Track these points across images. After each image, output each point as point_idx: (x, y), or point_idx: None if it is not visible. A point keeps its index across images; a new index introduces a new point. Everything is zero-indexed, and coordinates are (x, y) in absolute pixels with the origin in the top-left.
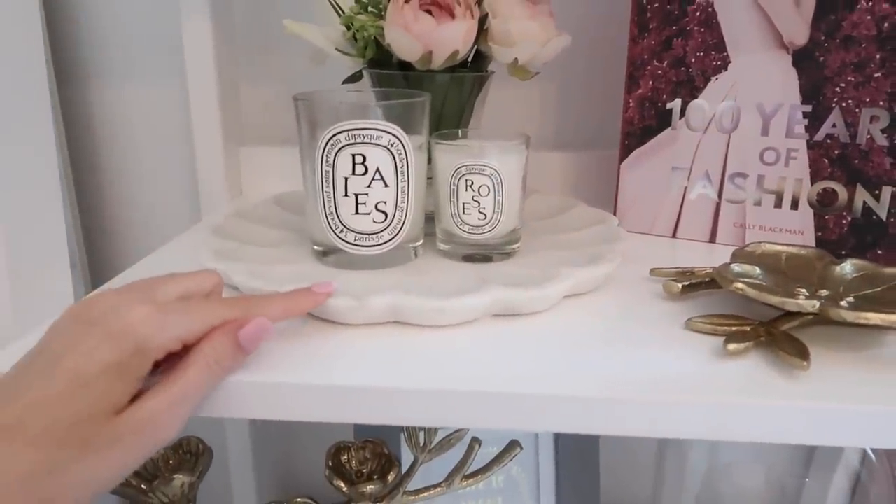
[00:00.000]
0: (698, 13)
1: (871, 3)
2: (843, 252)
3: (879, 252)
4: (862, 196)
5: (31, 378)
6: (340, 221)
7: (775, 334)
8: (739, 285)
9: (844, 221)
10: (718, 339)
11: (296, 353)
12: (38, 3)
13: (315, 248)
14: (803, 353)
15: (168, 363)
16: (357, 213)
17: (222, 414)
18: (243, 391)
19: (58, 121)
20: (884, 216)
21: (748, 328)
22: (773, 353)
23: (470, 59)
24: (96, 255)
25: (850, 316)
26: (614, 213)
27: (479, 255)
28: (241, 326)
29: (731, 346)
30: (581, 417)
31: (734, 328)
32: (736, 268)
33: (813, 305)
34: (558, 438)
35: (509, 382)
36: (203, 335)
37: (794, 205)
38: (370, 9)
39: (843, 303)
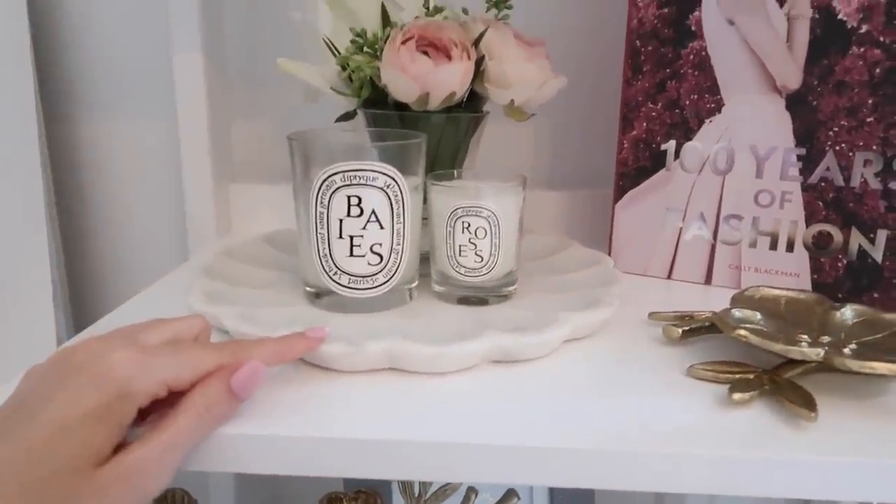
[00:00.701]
0: (692, 56)
1: (862, 49)
2: (840, 295)
3: (875, 295)
4: (857, 239)
5: (10, 428)
6: (334, 263)
7: (779, 382)
8: (742, 332)
9: (840, 264)
10: (721, 386)
11: (286, 403)
12: (28, 38)
13: (307, 289)
14: (810, 404)
15: (157, 413)
16: (352, 255)
17: (208, 468)
18: (230, 443)
19: (44, 158)
20: (879, 259)
21: (751, 376)
22: (779, 403)
23: (465, 99)
24: (81, 295)
25: (856, 365)
26: (609, 254)
27: (475, 297)
28: (234, 372)
29: (737, 396)
30: (583, 472)
31: (737, 376)
32: (737, 313)
33: (817, 353)
34: (553, 488)
35: (508, 434)
36: (192, 381)
37: (790, 247)
38: (366, 49)
39: (846, 350)
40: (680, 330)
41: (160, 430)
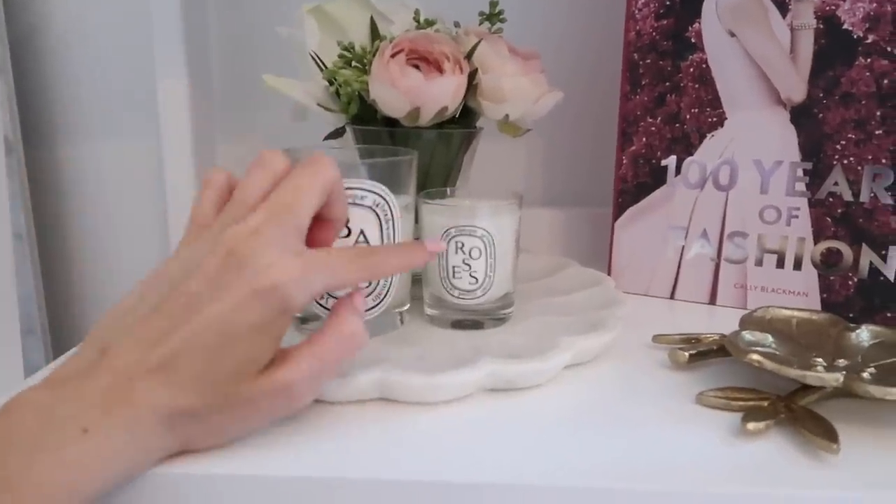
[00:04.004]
0: (692, 69)
1: (869, 60)
2: (851, 315)
3: (889, 315)
4: (868, 256)
5: (173, 317)
6: None
7: (796, 410)
8: (756, 357)
9: (850, 283)
10: (733, 415)
11: (266, 438)
12: (7, 59)
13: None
14: (831, 434)
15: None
16: None
17: None
18: (203, 485)
19: (23, 182)
20: (892, 277)
21: (765, 403)
22: (797, 433)
23: (457, 115)
24: (61, 321)
25: (879, 392)
26: (608, 274)
27: (470, 321)
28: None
29: (751, 426)
30: None
31: (750, 403)
32: (748, 336)
33: (836, 379)
34: None
35: (507, 473)
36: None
37: (798, 265)
38: (354, 63)
39: (864, 374)
40: (687, 354)
41: (311, 355)
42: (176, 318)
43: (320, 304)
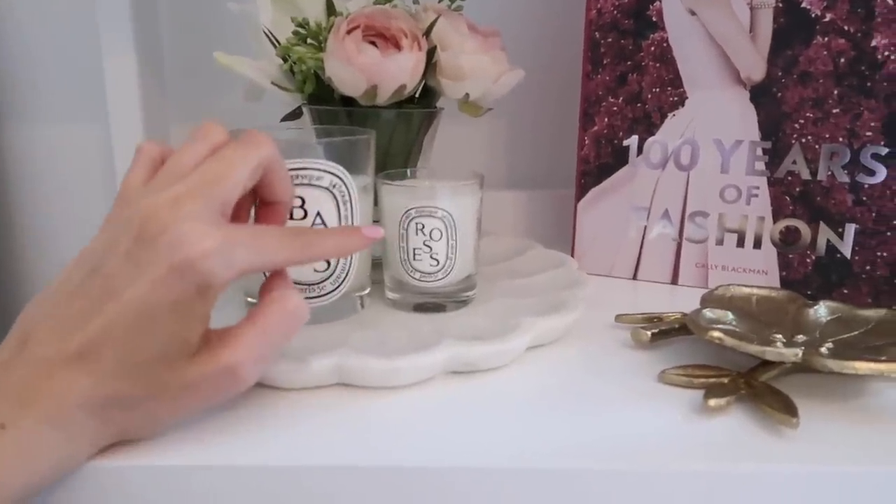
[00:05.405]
0: (653, 48)
1: (826, 39)
2: (809, 292)
3: (845, 291)
4: (825, 234)
5: (91, 300)
6: None
7: (755, 386)
8: (716, 334)
9: (809, 260)
10: (695, 393)
11: (220, 427)
12: None
13: (248, 299)
14: (791, 409)
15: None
16: None
17: None
18: (154, 476)
19: None
20: (848, 254)
21: (726, 380)
22: (757, 408)
23: (417, 95)
24: (10, 312)
25: (836, 366)
26: (571, 255)
27: (432, 304)
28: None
29: (713, 402)
30: (555, 494)
31: (711, 380)
32: (708, 314)
33: (795, 354)
34: None
35: (470, 456)
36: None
37: (758, 244)
38: (309, 40)
39: (822, 349)
40: (649, 333)
41: (255, 333)
42: (94, 301)
43: None
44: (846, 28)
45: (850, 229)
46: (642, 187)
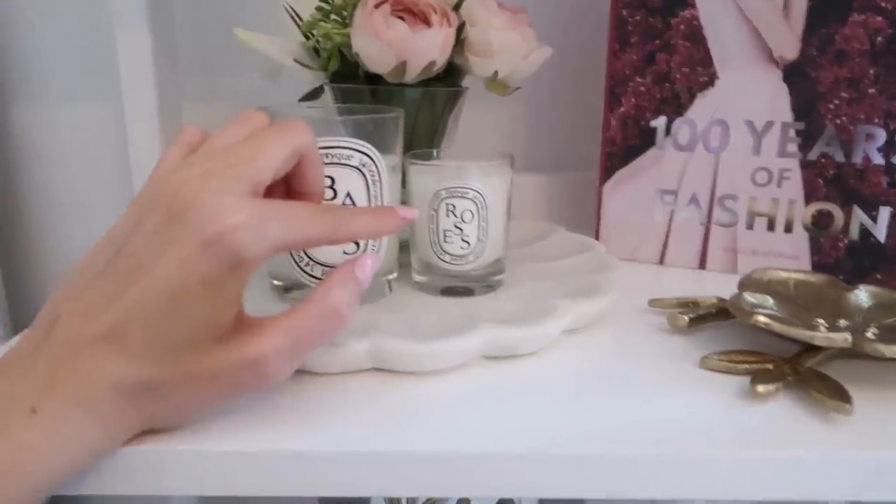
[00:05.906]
0: (682, 26)
1: (863, 16)
2: (841, 277)
3: (878, 276)
4: (859, 218)
5: (118, 280)
6: (306, 253)
7: (801, 372)
8: (763, 319)
9: (841, 244)
10: (738, 378)
11: (253, 413)
12: None
13: (275, 283)
14: (843, 395)
15: None
16: None
17: (167, 491)
18: (190, 462)
19: None
20: (882, 238)
21: (770, 365)
22: (804, 394)
23: (442, 73)
24: (22, 294)
25: (889, 351)
26: (596, 239)
27: (460, 287)
28: (352, 268)
29: (761, 388)
30: (598, 481)
31: (755, 366)
32: (750, 298)
33: (845, 339)
34: None
35: (509, 442)
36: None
37: (788, 228)
38: (333, 16)
39: (868, 334)
40: (687, 318)
41: (286, 328)
42: (121, 281)
43: (304, 271)
44: (883, 5)
45: (885, 213)
46: (670, 170)
